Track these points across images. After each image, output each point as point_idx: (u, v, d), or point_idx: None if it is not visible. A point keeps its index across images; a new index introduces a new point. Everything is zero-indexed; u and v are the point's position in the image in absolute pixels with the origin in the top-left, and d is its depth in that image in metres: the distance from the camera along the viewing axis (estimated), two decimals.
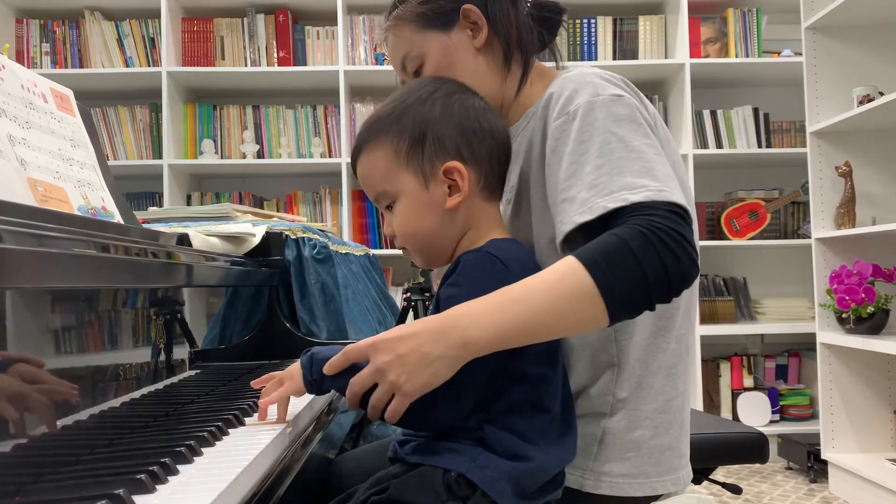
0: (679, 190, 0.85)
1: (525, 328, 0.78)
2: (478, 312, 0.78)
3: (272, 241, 1.50)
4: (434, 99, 0.92)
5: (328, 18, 3.36)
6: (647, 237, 0.78)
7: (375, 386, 0.79)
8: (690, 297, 1.01)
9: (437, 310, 0.86)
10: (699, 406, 3.24)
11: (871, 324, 2.59)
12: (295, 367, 0.89)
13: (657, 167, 0.85)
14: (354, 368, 0.81)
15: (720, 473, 2.98)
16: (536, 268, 0.90)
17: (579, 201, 0.85)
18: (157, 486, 0.63)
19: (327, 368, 0.83)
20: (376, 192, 0.94)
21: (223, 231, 1.35)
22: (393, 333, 0.80)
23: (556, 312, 0.78)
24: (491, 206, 0.95)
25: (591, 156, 0.86)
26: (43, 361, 0.72)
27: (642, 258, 0.77)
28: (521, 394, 0.84)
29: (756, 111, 3.41)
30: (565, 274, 0.78)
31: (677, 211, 0.81)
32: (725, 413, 3.33)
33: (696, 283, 1.04)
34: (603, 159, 0.86)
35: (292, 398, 0.91)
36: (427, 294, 2.50)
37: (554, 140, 0.92)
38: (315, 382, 0.86)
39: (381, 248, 3.32)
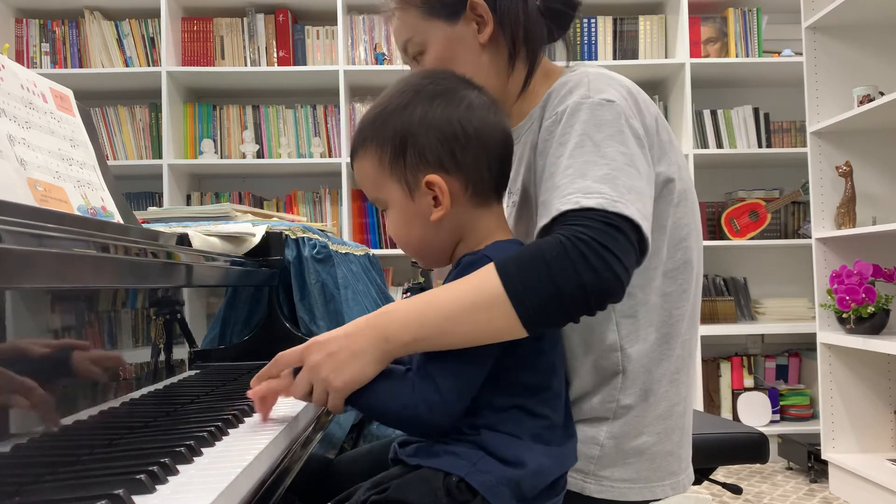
0: (638, 206, 0.82)
1: (441, 332, 0.80)
2: (401, 311, 0.82)
3: (272, 241, 1.50)
4: (414, 106, 0.87)
5: (328, 18, 3.36)
6: (565, 247, 0.76)
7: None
8: (695, 302, 1.00)
9: None
10: (699, 406, 3.24)
11: (872, 324, 2.59)
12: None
13: (622, 177, 0.83)
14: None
15: (720, 473, 2.97)
16: None
17: (546, 204, 0.85)
18: (157, 487, 0.63)
19: (253, 381, 0.87)
20: (371, 196, 0.94)
21: (223, 231, 1.35)
22: (325, 335, 0.84)
23: (470, 320, 0.79)
24: (485, 211, 0.91)
25: (564, 158, 0.86)
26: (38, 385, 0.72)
27: (555, 269, 0.76)
28: (519, 401, 0.84)
29: (756, 111, 3.41)
30: (481, 282, 0.79)
31: (616, 223, 0.79)
32: (726, 413, 3.33)
33: (700, 286, 1.03)
34: (571, 160, 0.85)
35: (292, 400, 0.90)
36: None
37: (542, 142, 0.92)
38: None
39: (381, 248, 3.32)
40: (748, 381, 3.37)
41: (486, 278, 0.79)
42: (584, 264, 0.76)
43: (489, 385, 0.83)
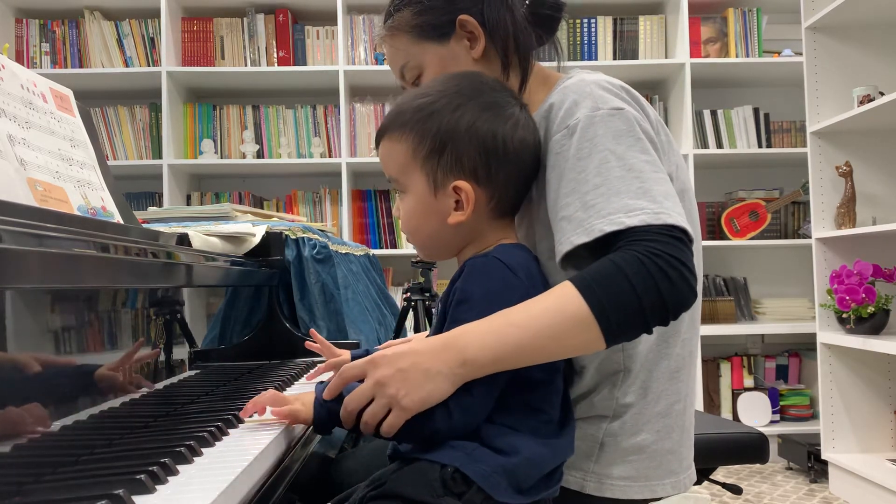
0: (678, 209, 0.84)
1: (522, 351, 0.80)
2: (477, 334, 0.80)
3: (272, 241, 1.50)
4: (465, 110, 0.89)
5: (328, 18, 3.36)
6: (644, 264, 0.78)
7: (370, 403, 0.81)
8: (695, 302, 1.01)
9: (444, 314, 0.87)
10: (699, 406, 3.24)
11: (872, 324, 2.59)
12: (307, 395, 0.89)
13: (655, 186, 0.85)
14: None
15: (720, 473, 2.97)
16: (542, 275, 0.91)
17: (576, 221, 0.85)
18: (157, 487, 0.63)
19: (326, 394, 0.85)
20: (390, 176, 0.94)
21: (223, 231, 1.35)
22: (393, 350, 0.82)
23: (552, 338, 0.79)
24: (501, 222, 0.93)
25: (589, 174, 0.86)
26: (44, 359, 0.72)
27: (638, 285, 0.78)
28: (520, 396, 0.84)
29: (756, 111, 3.41)
30: (562, 300, 0.80)
31: (676, 235, 0.82)
32: (726, 413, 3.33)
33: (701, 287, 1.04)
34: (600, 178, 0.85)
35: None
36: (427, 294, 2.50)
37: (554, 155, 0.91)
38: (324, 415, 0.86)
39: (381, 248, 3.32)
40: (748, 381, 3.37)
41: (567, 296, 0.79)
42: (663, 278, 0.78)
43: None
